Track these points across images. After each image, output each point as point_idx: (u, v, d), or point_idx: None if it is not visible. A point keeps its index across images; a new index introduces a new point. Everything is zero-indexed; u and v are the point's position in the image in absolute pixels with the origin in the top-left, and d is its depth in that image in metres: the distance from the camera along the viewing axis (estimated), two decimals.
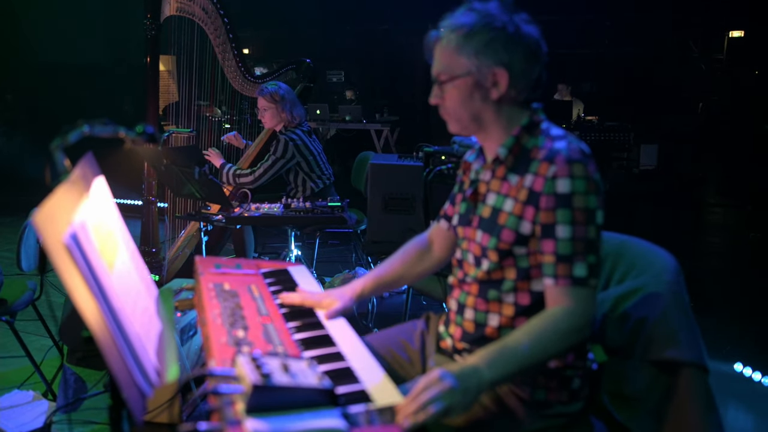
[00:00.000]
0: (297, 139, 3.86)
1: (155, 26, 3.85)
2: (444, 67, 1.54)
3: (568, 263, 1.43)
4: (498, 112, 1.55)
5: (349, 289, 1.84)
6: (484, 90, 1.52)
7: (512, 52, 1.49)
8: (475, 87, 1.52)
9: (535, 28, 1.53)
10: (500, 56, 1.48)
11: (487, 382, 1.30)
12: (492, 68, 1.49)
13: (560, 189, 1.43)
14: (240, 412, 1.17)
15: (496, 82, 1.51)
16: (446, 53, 1.53)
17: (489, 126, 1.56)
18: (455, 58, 1.52)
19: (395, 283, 1.92)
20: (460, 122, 1.58)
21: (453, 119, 1.59)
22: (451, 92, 1.54)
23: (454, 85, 1.53)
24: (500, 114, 1.55)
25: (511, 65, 1.49)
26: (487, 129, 1.57)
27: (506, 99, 1.53)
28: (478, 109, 1.54)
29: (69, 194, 1.26)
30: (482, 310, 1.57)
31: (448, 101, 1.56)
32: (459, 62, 1.51)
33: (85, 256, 1.16)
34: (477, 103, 1.53)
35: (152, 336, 1.42)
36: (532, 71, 1.52)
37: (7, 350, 3.52)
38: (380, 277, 1.88)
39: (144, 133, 1.42)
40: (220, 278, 1.93)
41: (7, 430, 2.72)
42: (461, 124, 1.59)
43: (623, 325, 1.63)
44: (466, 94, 1.53)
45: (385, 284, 1.89)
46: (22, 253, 3.07)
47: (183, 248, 4.04)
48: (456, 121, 1.58)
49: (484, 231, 1.55)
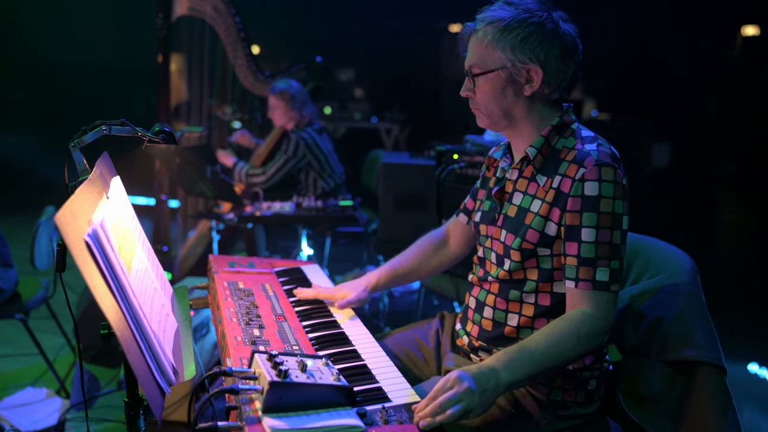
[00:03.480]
0: (308, 138, 3.86)
1: (167, 26, 3.86)
2: (478, 59, 1.52)
3: (590, 267, 1.42)
4: (529, 109, 1.53)
5: (364, 281, 1.85)
6: (517, 86, 1.51)
7: (549, 49, 1.47)
8: (508, 82, 1.50)
9: (573, 26, 1.52)
10: (536, 53, 1.47)
11: (504, 384, 1.30)
12: (527, 64, 1.48)
13: (588, 192, 1.42)
14: (258, 410, 1.17)
15: (530, 78, 1.49)
16: (481, 46, 1.51)
17: (519, 123, 1.55)
18: (490, 52, 1.50)
19: (409, 276, 1.92)
20: (491, 117, 1.56)
21: (483, 113, 1.57)
22: (483, 86, 1.53)
23: (487, 78, 1.51)
24: (531, 111, 1.53)
25: (547, 63, 1.48)
26: (518, 126, 1.56)
27: (539, 96, 1.52)
28: (509, 104, 1.53)
29: (88, 193, 1.26)
30: (502, 309, 1.56)
31: (480, 95, 1.54)
32: (493, 56, 1.50)
33: (104, 255, 1.17)
34: (509, 99, 1.52)
35: (169, 334, 1.43)
36: (566, 70, 1.50)
37: (20, 348, 3.55)
38: (394, 269, 1.87)
39: (161, 133, 1.42)
40: (235, 277, 1.94)
41: (21, 428, 2.74)
42: (491, 119, 1.57)
43: (639, 325, 1.62)
44: (499, 89, 1.51)
45: (400, 277, 1.89)
46: (35, 251, 3.09)
47: (195, 247, 4.06)
48: (486, 115, 1.57)
49: (509, 230, 1.55)
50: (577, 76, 1.53)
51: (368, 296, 1.84)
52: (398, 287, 3.61)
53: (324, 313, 1.76)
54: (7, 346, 3.61)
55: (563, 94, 1.54)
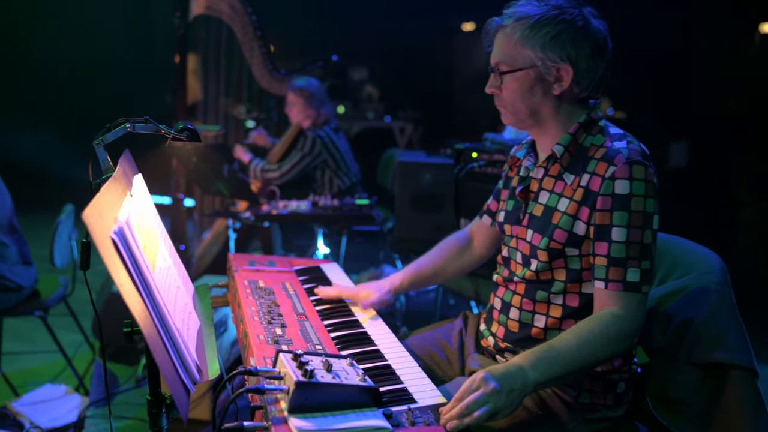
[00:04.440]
0: (324, 136, 3.85)
1: (184, 25, 3.86)
2: (505, 57, 1.49)
3: (621, 267, 1.39)
4: (557, 108, 1.50)
5: (387, 282, 1.82)
6: (546, 85, 1.47)
7: (580, 47, 1.44)
8: (536, 81, 1.47)
9: (603, 23, 1.48)
10: (567, 51, 1.43)
11: (532, 384, 1.28)
12: (557, 63, 1.44)
13: (618, 190, 1.39)
14: (283, 410, 1.16)
15: (559, 77, 1.46)
16: (509, 43, 1.48)
17: (546, 122, 1.52)
18: (519, 49, 1.46)
19: (433, 279, 1.89)
20: (517, 115, 1.53)
21: (509, 111, 1.54)
22: (510, 84, 1.49)
23: (515, 77, 1.48)
24: (559, 110, 1.50)
25: (577, 61, 1.44)
26: (544, 125, 1.53)
27: (567, 96, 1.49)
28: (537, 103, 1.49)
29: (113, 191, 1.26)
30: (528, 310, 1.54)
31: (506, 93, 1.51)
32: (522, 54, 1.46)
33: (130, 252, 1.16)
34: (537, 98, 1.49)
35: (192, 333, 1.42)
36: (597, 69, 1.47)
37: (39, 345, 3.57)
38: (418, 271, 1.85)
39: (185, 130, 1.42)
40: (255, 275, 1.93)
41: (41, 424, 2.75)
42: (517, 117, 1.54)
43: (667, 326, 1.59)
44: (527, 88, 1.48)
45: (423, 279, 1.86)
46: (55, 249, 3.10)
47: (211, 245, 4.06)
48: (512, 113, 1.54)
49: (536, 230, 1.52)
50: (606, 75, 1.50)
51: (392, 298, 1.82)
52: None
53: (345, 312, 1.75)
54: (26, 343, 3.63)
55: (592, 93, 1.51)
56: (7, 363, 3.31)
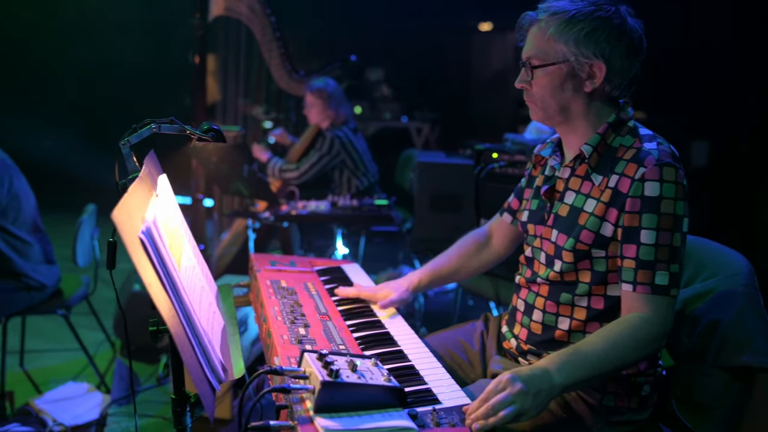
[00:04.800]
0: (343, 136, 3.86)
1: (203, 26, 3.89)
2: (537, 51, 1.47)
3: (649, 270, 1.37)
4: (587, 106, 1.48)
5: (405, 281, 1.82)
6: (578, 81, 1.45)
7: (615, 45, 1.42)
8: (568, 76, 1.45)
9: (640, 22, 1.46)
10: (601, 48, 1.41)
11: (558, 387, 1.27)
12: (590, 59, 1.42)
13: (648, 192, 1.37)
14: (309, 409, 1.16)
15: (592, 74, 1.44)
16: (542, 37, 1.46)
17: (575, 119, 1.50)
18: (552, 44, 1.45)
19: (452, 277, 1.89)
20: (546, 111, 1.51)
21: (539, 107, 1.52)
22: (542, 78, 1.47)
23: (546, 71, 1.46)
24: (589, 108, 1.49)
25: (611, 59, 1.42)
26: (573, 122, 1.51)
27: (599, 93, 1.47)
28: (567, 100, 1.48)
29: (140, 191, 1.27)
30: (552, 312, 1.53)
31: (537, 88, 1.49)
32: (555, 48, 1.44)
33: (157, 252, 1.17)
34: (567, 94, 1.47)
35: (216, 332, 1.43)
36: (630, 67, 1.45)
37: (61, 343, 3.61)
38: (436, 269, 1.84)
39: (210, 131, 1.42)
40: (277, 275, 1.94)
41: (63, 422, 2.78)
42: (546, 114, 1.52)
43: (693, 329, 1.58)
44: (558, 83, 1.46)
45: (442, 277, 1.86)
46: (78, 248, 3.14)
47: (230, 245, 4.08)
48: (542, 109, 1.52)
49: (561, 230, 1.50)
50: (639, 75, 1.48)
51: (410, 297, 1.82)
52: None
53: (367, 313, 1.75)
54: (48, 341, 3.68)
55: (624, 92, 1.49)
56: (29, 361, 3.35)
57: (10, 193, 2.83)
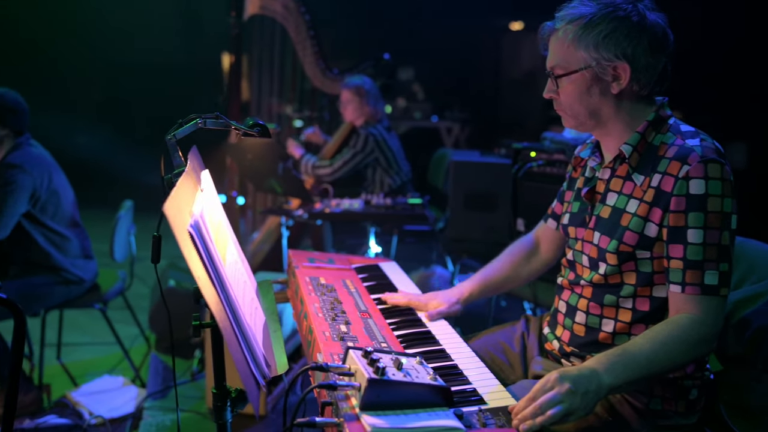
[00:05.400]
0: (377, 134, 3.85)
1: (239, 24, 3.91)
2: (559, 60, 1.46)
3: (698, 270, 1.34)
4: (618, 108, 1.45)
5: (456, 293, 1.78)
6: (604, 84, 1.43)
7: (636, 43, 1.39)
8: (593, 81, 1.43)
9: (662, 15, 1.43)
10: (622, 48, 1.39)
11: (606, 387, 1.24)
12: (613, 62, 1.40)
13: (693, 190, 1.34)
14: (354, 407, 1.15)
15: (616, 76, 1.42)
16: (562, 46, 1.44)
17: (608, 122, 1.47)
18: (572, 51, 1.43)
19: (502, 287, 1.85)
20: (577, 118, 1.49)
21: (569, 115, 1.50)
22: (567, 87, 1.46)
23: (571, 79, 1.44)
24: (621, 109, 1.46)
25: (635, 58, 1.39)
26: (606, 125, 1.48)
27: (627, 94, 1.44)
28: (596, 104, 1.45)
29: (187, 186, 1.27)
30: (596, 314, 1.50)
31: (564, 96, 1.47)
32: (576, 55, 1.42)
33: (205, 246, 1.17)
34: (595, 99, 1.45)
35: (259, 327, 1.43)
36: (656, 63, 1.42)
37: (97, 336, 3.66)
38: (487, 279, 1.81)
39: (256, 126, 1.43)
40: (315, 272, 1.94)
41: (100, 414, 2.81)
42: (578, 120, 1.50)
43: (743, 332, 1.53)
44: (584, 89, 1.44)
45: (492, 287, 1.82)
46: (115, 244, 3.18)
47: (263, 243, 4.10)
48: (572, 117, 1.50)
49: (603, 232, 1.47)
50: (669, 69, 1.44)
51: (460, 309, 1.77)
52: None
53: (408, 311, 1.74)
54: (84, 334, 3.74)
55: (655, 89, 1.45)
56: (66, 354, 3.40)
57: (49, 189, 2.88)
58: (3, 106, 2.84)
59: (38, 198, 2.84)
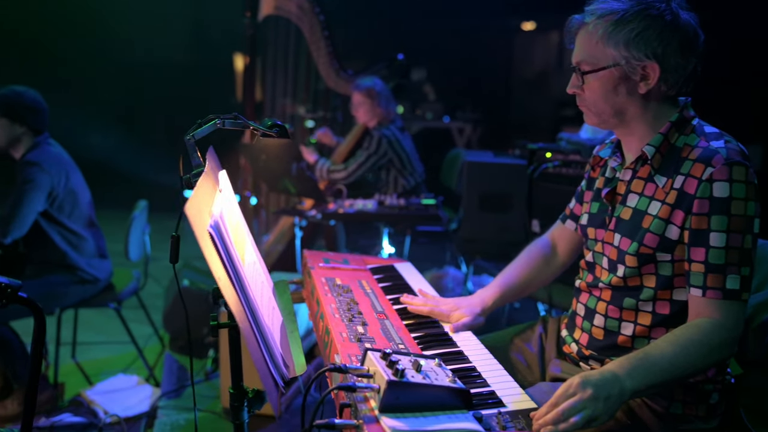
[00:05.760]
0: (390, 135, 3.84)
1: (254, 25, 3.92)
2: (587, 56, 1.43)
3: (720, 274, 1.32)
4: (644, 108, 1.43)
5: (478, 302, 1.71)
6: (631, 83, 1.41)
7: (667, 43, 1.36)
8: (621, 80, 1.41)
9: (694, 15, 1.40)
10: (653, 48, 1.36)
11: (628, 392, 1.23)
12: (642, 61, 1.37)
13: (717, 193, 1.32)
14: (374, 409, 1.15)
15: (645, 75, 1.39)
16: (591, 41, 1.42)
17: (632, 122, 1.46)
18: (601, 48, 1.40)
19: (522, 291, 1.81)
20: (600, 116, 1.47)
21: (592, 112, 1.48)
22: (593, 84, 1.43)
23: (598, 76, 1.42)
24: (646, 109, 1.44)
25: (665, 58, 1.37)
26: (630, 125, 1.46)
27: (654, 94, 1.42)
28: (621, 103, 1.43)
29: (206, 186, 1.27)
30: (615, 317, 1.48)
31: (589, 93, 1.45)
32: (605, 52, 1.40)
33: (225, 246, 1.17)
34: (621, 98, 1.42)
35: (276, 328, 1.43)
36: (686, 64, 1.39)
37: (111, 335, 3.68)
38: (506, 285, 1.76)
39: (274, 126, 1.42)
40: (331, 273, 1.93)
41: (115, 413, 2.83)
42: (601, 118, 1.48)
43: (763, 337, 1.52)
44: (610, 87, 1.42)
45: (512, 294, 1.78)
46: (130, 243, 3.19)
47: (276, 243, 4.11)
48: (595, 114, 1.48)
49: (624, 234, 1.46)
50: (698, 70, 1.42)
51: (483, 321, 1.71)
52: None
53: None
54: (99, 333, 3.76)
55: (682, 90, 1.43)
56: (81, 352, 3.42)
57: (67, 188, 2.90)
58: (22, 104, 2.86)
59: (56, 196, 2.86)
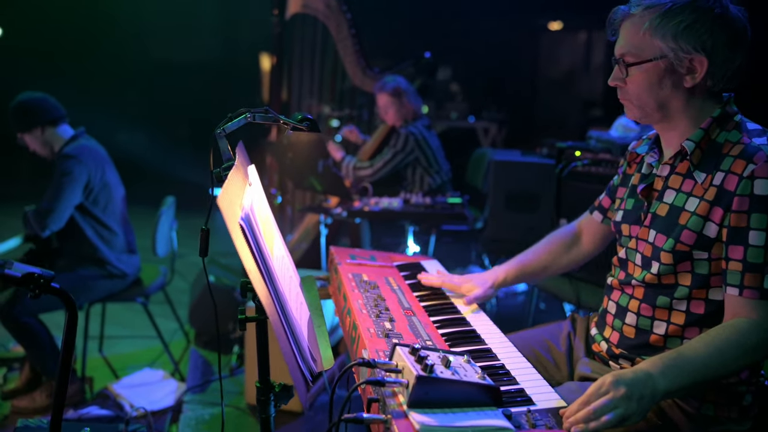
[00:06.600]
0: (417, 133, 3.82)
1: (281, 23, 3.94)
2: (632, 47, 1.40)
3: (758, 273, 1.29)
4: (687, 102, 1.40)
5: (490, 276, 1.78)
6: (677, 77, 1.37)
7: (716, 37, 1.33)
8: (666, 73, 1.37)
9: (742, 9, 1.37)
10: (702, 41, 1.33)
11: (661, 392, 1.21)
12: (690, 54, 1.34)
13: (758, 191, 1.29)
14: (402, 404, 1.14)
15: (692, 69, 1.36)
16: (637, 32, 1.39)
17: (674, 116, 1.43)
18: (648, 39, 1.37)
19: (540, 273, 1.83)
20: (643, 109, 1.44)
21: (634, 105, 1.45)
22: (637, 76, 1.40)
23: (642, 69, 1.39)
24: (690, 104, 1.40)
25: (713, 52, 1.34)
26: (672, 119, 1.43)
27: (700, 89, 1.39)
28: (665, 97, 1.40)
29: (237, 180, 1.28)
30: (647, 316, 1.46)
31: (632, 85, 1.42)
32: (652, 44, 1.37)
33: (255, 239, 1.17)
34: (666, 91, 1.39)
35: (304, 322, 1.43)
36: (734, 59, 1.36)
37: (138, 330, 3.72)
38: (524, 264, 1.80)
39: (305, 120, 1.43)
40: (358, 269, 1.93)
41: (141, 406, 2.86)
42: (643, 112, 1.45)
43: None
44: (655, 80, 1.39)
45: (529, 273, 1.81)
46: (157, 239, 3.23)
47: (300, 241, 4.12)
48: (638, 107, 1.45)
49: (659, 231, 1.43)
50: (743, 65, 1.39)
51: (494, 293, 1.79)
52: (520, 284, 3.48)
53: (451, 309, 1.72)
54: (125, 328, 3.80)
55: (727, 85, 1.40)
56: (108, 347, 3.47)
57: (102, 182, 2.95)
58: (23, 112, 2.88)
59: (92, 189, 2.90)
